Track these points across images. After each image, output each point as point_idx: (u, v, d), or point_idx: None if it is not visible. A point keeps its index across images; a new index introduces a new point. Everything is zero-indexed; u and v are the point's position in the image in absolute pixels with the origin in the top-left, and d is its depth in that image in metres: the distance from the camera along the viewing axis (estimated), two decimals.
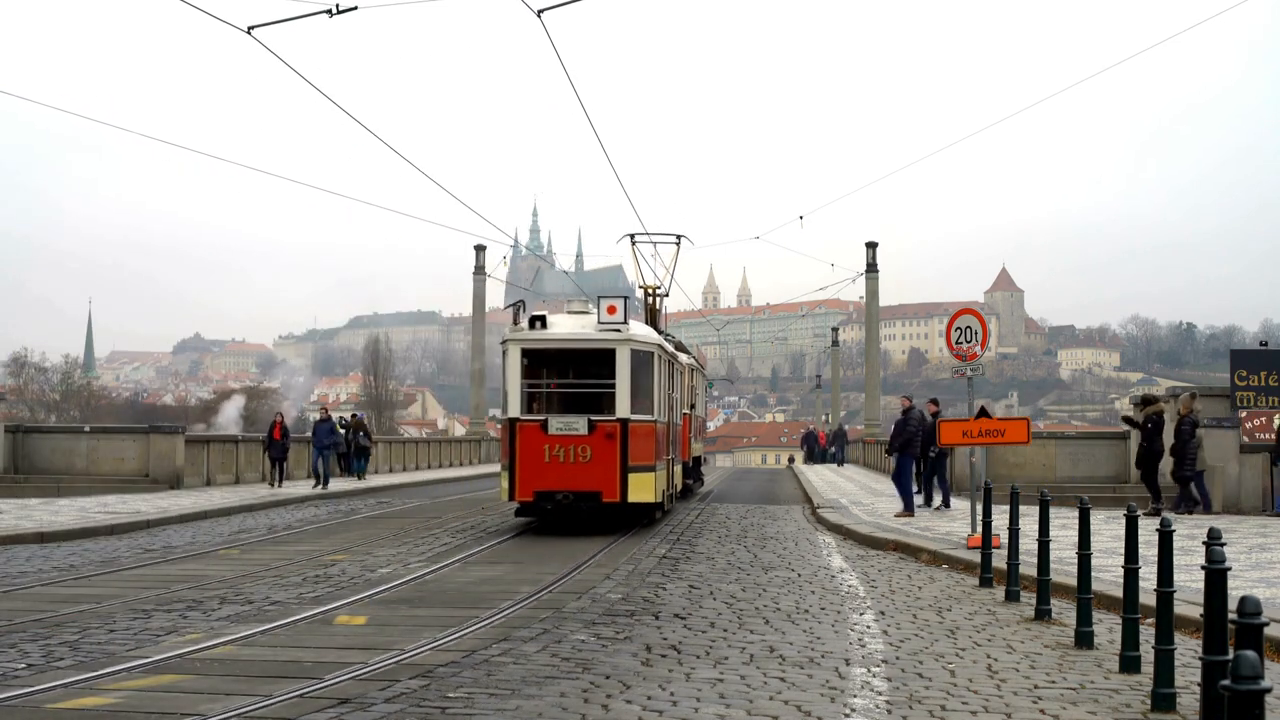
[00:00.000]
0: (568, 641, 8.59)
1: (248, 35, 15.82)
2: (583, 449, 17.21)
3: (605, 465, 17.15)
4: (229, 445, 29.65)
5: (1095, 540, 10.78)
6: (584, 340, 17.76)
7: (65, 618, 9.53)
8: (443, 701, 6.69)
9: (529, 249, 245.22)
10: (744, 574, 12.65)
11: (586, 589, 11.36)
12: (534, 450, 17.19)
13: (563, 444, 17.17)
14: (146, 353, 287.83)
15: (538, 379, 18.51)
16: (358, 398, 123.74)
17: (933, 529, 17.30)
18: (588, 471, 17.13)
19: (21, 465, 27.31)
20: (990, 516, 11.97)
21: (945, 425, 15.29)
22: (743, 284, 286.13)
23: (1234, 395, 21.50)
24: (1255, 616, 4.36)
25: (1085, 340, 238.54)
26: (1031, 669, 7.76)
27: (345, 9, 15.45)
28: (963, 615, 10.01)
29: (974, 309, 16.68)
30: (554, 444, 17.16)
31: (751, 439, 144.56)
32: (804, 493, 27.81)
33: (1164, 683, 6.61)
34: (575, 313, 18.56)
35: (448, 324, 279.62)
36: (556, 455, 17.16)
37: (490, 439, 51.35)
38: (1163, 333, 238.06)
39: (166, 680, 7.28)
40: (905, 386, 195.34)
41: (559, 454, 17.16)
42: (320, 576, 12.28)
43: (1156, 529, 6.77)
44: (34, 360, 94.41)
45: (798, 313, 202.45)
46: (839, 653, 8.24)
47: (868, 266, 45.07)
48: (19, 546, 15.37)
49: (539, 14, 16.07)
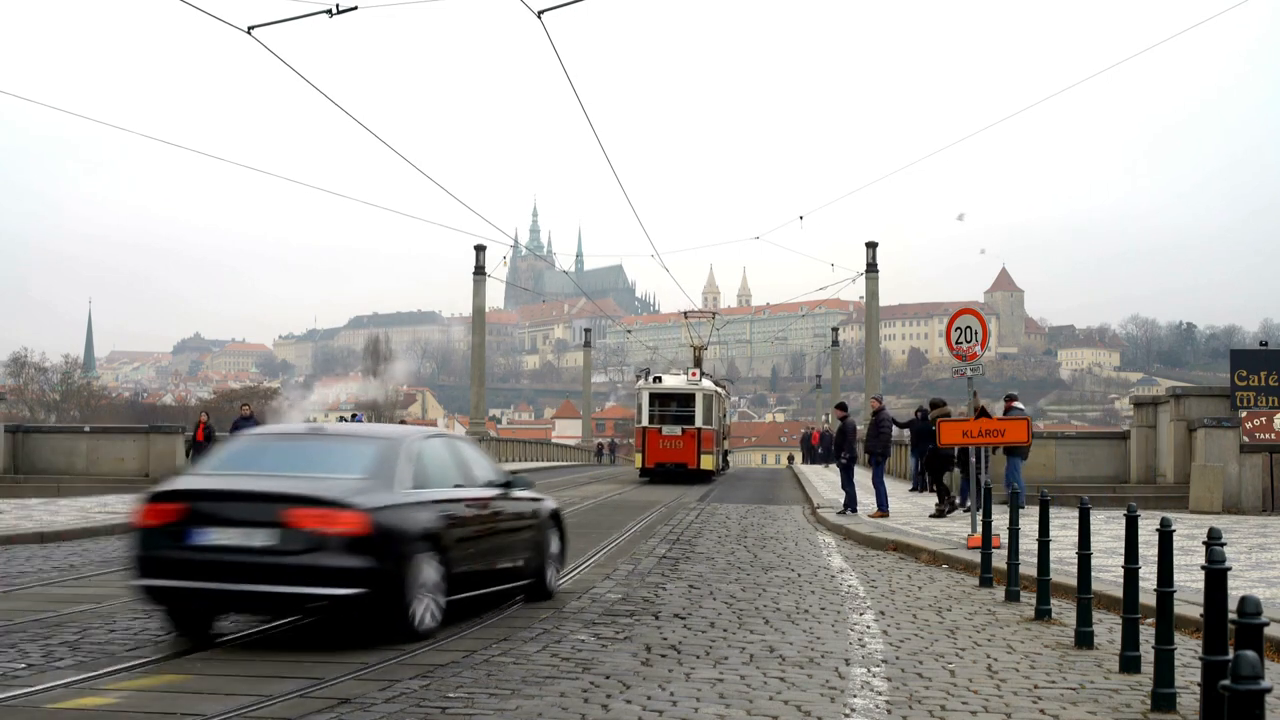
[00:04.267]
0: (568, 641, 8.59)
1: (248, 35, 15.84)
2: (678, 442, 33.66)
3: (689, 450, 33.54)
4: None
5: (1095, 540, 10.79)
6: (679, 389, 34.62)
7: (65, 618, 9.53)
8: (443, 701, 6.68)
9: (529, 249, 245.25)
10: (744, 574, 12.65)
11: (586, 589, 11.36)
12: (654, 443, 33.85)
13: (667, 440, 33.79)
14: (146, 353, 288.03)
15: (655, 407, 34.39)
16: (357, 398, 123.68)
17: (933, 529, 17.31)
18: (680, 454, 33.56)
19: (21, 465, 27.30)
20: (990, 516, 11.97)
21: (945, 425, 15.27)
22: (743, 284, 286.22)
23: (1234, 395, 21.51)
24: (1255, 616, 4.36)
25: (1085, 340, 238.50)
26: (1031, 669, 7.76)
27: (345, 9, 15.46)
28: (963, 615, 10.01)
29: (974, 309, 16.67)
30: (664, 440, 33.80)
31: (751, 439, 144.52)
32: (804, 493, 27.81)
33: (1164, 683, 6.61)
34: (674, 375, 36.41)
35: (448, 324, 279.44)
36: (665, 445, 33.74)
37: (491, 439, 51.38)
38: (1163, 333, 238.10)
39: (166, 680, 7.28)
40: (905, 386, 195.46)
41: (666, 445, 33.75)
42: None
43: (1156, 529, 6.77)
44: (34, 360, 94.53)
45: (798, 313, 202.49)
46: (839, 653, 8.24)
47: (868, 266, 45.01)
48: (19, 546, 15.36)
49: (539, 14, 16.07)
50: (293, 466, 9.10)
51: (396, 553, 8.52)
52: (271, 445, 9.88)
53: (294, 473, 8.90)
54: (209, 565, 8.36)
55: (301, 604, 8.45)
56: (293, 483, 8.64)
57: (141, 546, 8.62)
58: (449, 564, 9.04)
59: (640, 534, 16.91)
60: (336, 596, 8.28)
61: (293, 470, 8.98)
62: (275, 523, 8.30)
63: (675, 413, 34.11)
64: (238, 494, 8.73)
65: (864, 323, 52.81)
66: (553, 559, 11.20)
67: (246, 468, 9.16)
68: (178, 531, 8.45)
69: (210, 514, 8.52)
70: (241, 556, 8.33)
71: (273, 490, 8.58)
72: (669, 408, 34.22)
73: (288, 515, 8.30)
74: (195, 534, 8.42)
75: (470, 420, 56.05)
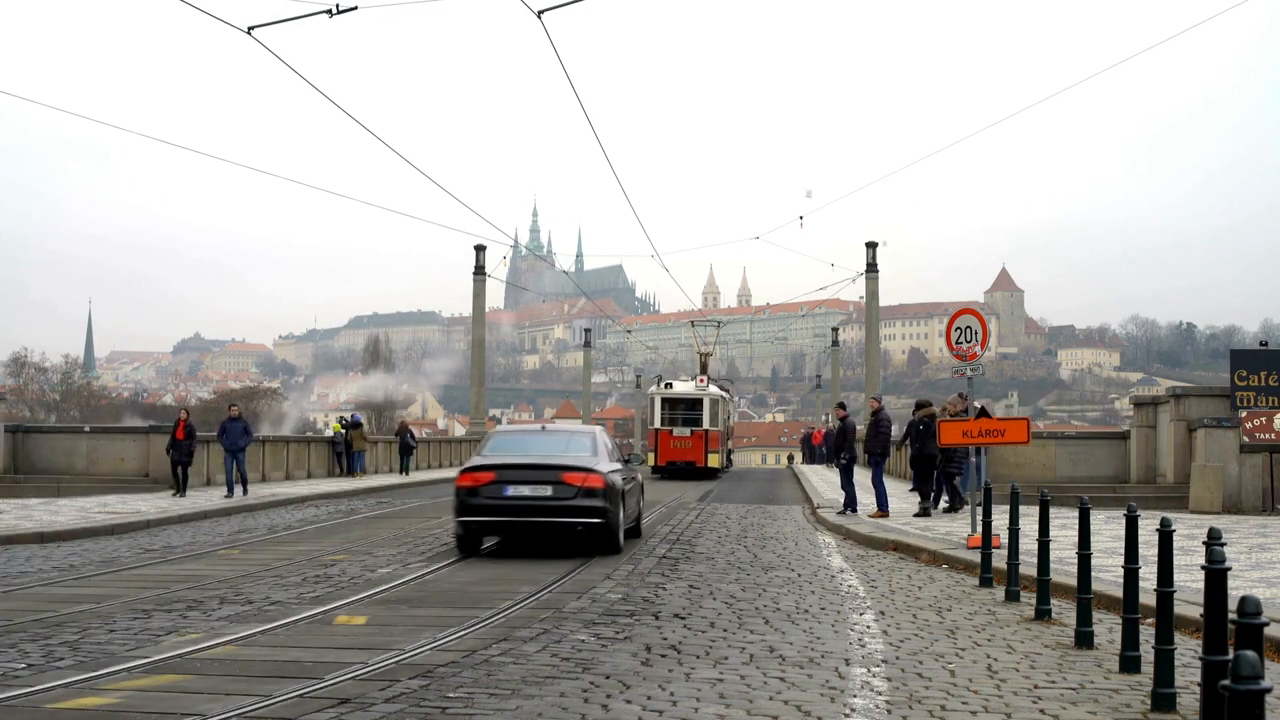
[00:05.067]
0: (568, 641, 8.58)
1: (248, 35, 15.84)
2: (687, 442, 37.09)
3: (698, 450, 37.00)
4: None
5: (1095, 540, 10.80)
6: (688, 394, 38.31)
7: (65, 618, 9.53)
8: (443, 701, 6.68)
9: (529, 249, 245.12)
10: (744, 574, 12.65)
11: (586, 589, 11.36)
12: (666, 443, 37.17)
13: (678, 440, 37.16)
14: (146, 353, 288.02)
15: (666, 410, 37.74)
16: (357, 398, 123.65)
17: (933, 529, 17.30)
18: (690, 453, 37.00)
19: (21, 465, 27.31)
20: (990, 516, 11.97)
21: (945, 425, 15.28)
22: (743, 284, 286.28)
23: (1234, 395, 21.51)
24: (1255, 616, 4.36)
25: (1085, 340, 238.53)
26: (1031, 669, 7.76)
27: (345, 9, 15.46)
28: (963, 615, 10.01)
29: (974, 309, 16.66)
30: (675, 440, 37.20)
31: (751, 439, 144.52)
32: (804, 492, 27.81)
33: (1164, 683, 6.60)
34: (683, 381, 40.77)
35: (448, 324, 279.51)
36: (675, 445, 37.15)
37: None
38: (1163, 333, 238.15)
39: (166, 680, 7.28)
40: (905, 386, 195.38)
41: (676, 444, 37.15)
42: (320, 576, 12.27)
43: (1156, 529, 6.77)
44: (34, 360, 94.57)
45: (798, 313, 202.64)
46: (839, 653, 8.24)
47: (868, 266, 45.02)
48: (19, 546, 15.37)
49: (539, 14, 16.07)
50: (548, 450, 14.83)
51: (614, 499, 14.19)
52: (522, 438, 16.07)
53: (554, 453, 14.65)
54: (516, 508, 13.95)
55: (571, 530, 13.95)
56: (561, 459, 14.33)
57: (467, 497, 13.95)
58: (625, 508, 14.83)
59: (640, 533, 16.89)
60: (589, 523, 13.89)
61: (550, 451, 14.74)
62: (555, 481, 13.92)
63: (684, 415, 37.62)
64: (530, 465, 14.21)
65: (864, 323, 52.80)
66: (643, 510, 17.52)
67: (519, 450, 14.90)
68: (493, 489, 13.90)
69: (512, 478, 13.96)
70: (535, 502, 13.93)
71: (553, 462, 14.21)
72: (678, 411, 37.76)
73: (563, 476, 13.93)
74: (507, 489, 13.89)
75: (470, 420, 56.03)
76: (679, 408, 37.85)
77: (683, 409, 37.79)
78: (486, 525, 14.06)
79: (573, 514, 13.81)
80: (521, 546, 14.91)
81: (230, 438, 24.34)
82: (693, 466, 36.75)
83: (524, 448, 15.04)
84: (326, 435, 38.64)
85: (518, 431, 16.87)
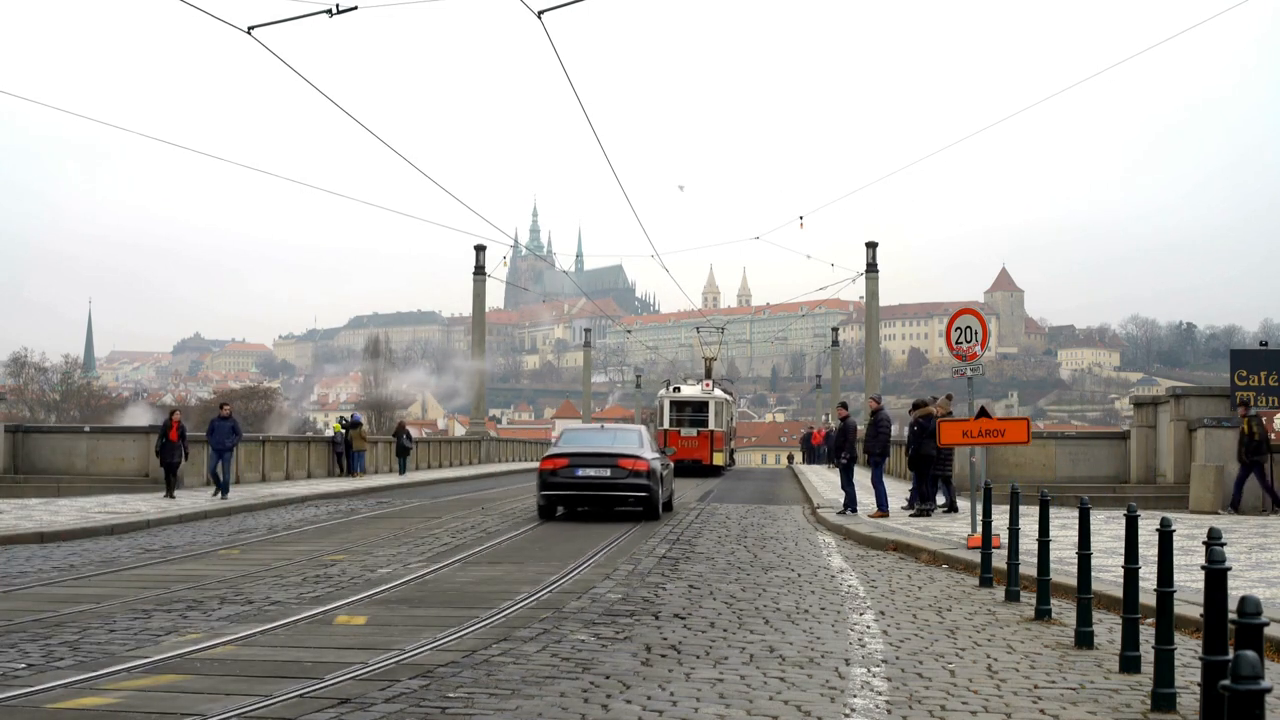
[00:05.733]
0: (568, 641, 8.58)
1: (248, 35, 15.84)
2: (694, 442, 39.60)
3: (704, 449, 39.63)
4: None
5: (1095, 540, 10.80)
6: (695, 397, 40.82)
7: (65, 618, 9.52)
8: (443, 701, 6.68)
9: (529, 249, 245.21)
10: (744, 574, 12.65)
11: (586, 589, 11.36)
12: (674, 442, 38.13)
13: (686, 440, 39.41)
14: (146, 353, 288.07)
15: (674, 412, 40.40)
16: (357, 397, 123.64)
17: (933, 529, 17.30)
18: (696, 451, 39.41)
19: (21, 465, 27.31)
20: (990, 516, 11.96)
21: (945, 425, 15.27)
22: (743, 284, 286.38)
23: (1234, 395, 21.50)
24: (1255, 616, 4.36)
25: (1085, 340, 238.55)
26: (1031, 669, 7.76)
27: (345, 9, 15.46)
28: (963, 615, 10.01)
29: (974, 309, 16.66)
30: (683, 440, 39.29)
31: (752, 439, 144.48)
32: (804, 493, 27.80)
33: (1164, 683, 6.60)
34: (690, 385, 43.23)
35: (448, 324, 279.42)
36: (683, 444, 39.03)
37: (491, 439, 51.36)
38: (1163, 333, 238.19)
39: (166, 680, 7.27)
40: (905, 386, 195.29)
41: (684, 444, 39.09)
42: (320, 576, 12.27)
43: (1156, 529, 6.77)
44: (34, 360, 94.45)
45: (798, 313, 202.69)
46: (839, 653, 8.23)
47: (868, 266, 45.04)
48: (19, 546, 15.36)
49: (539, 15, 16.08)
50: (606, 442, 19.79)
51: (656, 481, 19.11)
52: (586, 434, 21.07)
53: (610, 445, 19.59)
54: (585, 485, 19.00)
55: (625, 502, 19.11)
56: (616, 448, 19.32)
57: (549, 476, 18.97)
58: (662, 489, 19.75)
59: (640, 534, 16.91)
60: (637, 497, 18.99)
61: (608, 444, 19.66)
62: (613, 465, 18.96)
63: (692, 417, 40.48)
64: (596, 454, 19.24)
65: (864, 323, 52.80)
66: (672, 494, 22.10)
67: (585, 443, 19.90)
68: (568, 471, 18.97)
69: (581, 463, 19.01)
70: (598, 480, 18.94)
71: (612, 451, 19.25)
72: (686, 413, 40.62)
73: (619, 461, 18.97)
74: (577, 471, 18.96)
75: (470, 420, 56.03)
76: (686, 410, 40.59)
77: (690, 411, 40.51)
78: (563, 498, 19.05)
79: (626, 489, 18.89)
80: (522, 546, 14.88)
81: (218, 437, 24.11)
82: (699, 464, 39.35)
83: (588, 441, 20.09)
84: (326, 435, 38.65)
85: (582, 429, 22.02)
